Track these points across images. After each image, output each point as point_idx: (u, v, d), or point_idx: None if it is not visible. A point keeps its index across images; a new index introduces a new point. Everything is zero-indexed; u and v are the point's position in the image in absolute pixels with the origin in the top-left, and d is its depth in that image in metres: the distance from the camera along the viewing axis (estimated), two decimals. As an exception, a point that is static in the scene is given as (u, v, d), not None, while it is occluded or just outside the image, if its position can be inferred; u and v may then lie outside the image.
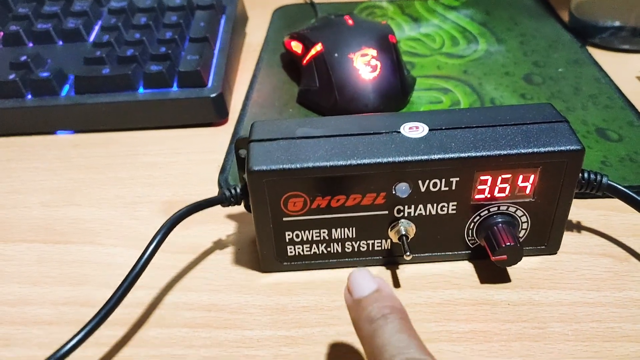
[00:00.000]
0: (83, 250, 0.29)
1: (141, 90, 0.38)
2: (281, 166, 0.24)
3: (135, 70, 0.38)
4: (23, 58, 0.39)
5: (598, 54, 0.45)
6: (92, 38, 0.44)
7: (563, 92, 0.40)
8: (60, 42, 0.43)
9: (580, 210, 0.30)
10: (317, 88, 0.39)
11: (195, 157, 0.36)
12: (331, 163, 0.24)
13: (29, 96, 0.38)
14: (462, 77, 0.42)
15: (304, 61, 0.40)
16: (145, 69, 0.38)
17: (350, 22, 0.40)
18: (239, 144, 0.27)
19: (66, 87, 0.39)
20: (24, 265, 0.28)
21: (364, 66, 0.37)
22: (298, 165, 0.24)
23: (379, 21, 0.43)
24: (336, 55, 0.38)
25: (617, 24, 0.45)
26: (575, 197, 0.27)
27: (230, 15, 0.46)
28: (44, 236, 0.30)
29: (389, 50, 0.39)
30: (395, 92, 0.38)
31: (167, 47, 0.40)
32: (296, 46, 0.42)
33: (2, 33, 0.44)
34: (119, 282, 0.24)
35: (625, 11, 0.45)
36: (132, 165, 0.35)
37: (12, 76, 0.38)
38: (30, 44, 0.43)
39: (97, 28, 0.44)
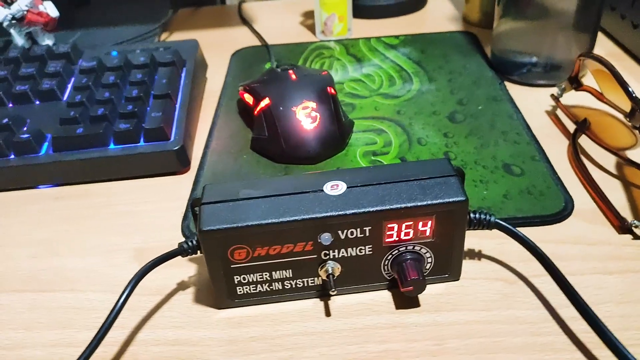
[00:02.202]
0: (67, 297, 0.34)
1: (112, 146, 0.44)
2: (226, 226, 0.30)
3: (106, 128, 0.44)
4: (5, 120, 0.45)
5: (515, 89, 0.51)
6: (65, 97, 0.49)
7: (480, 129, 0.46)
8: (37, 102, 0.48)
9: (482, 240, 0.36)
10: (267, 137, 0.44)
11: (162, 204, 0.41)
12: (267, 221, 0.30)
13: (12, 156, 0.43)
14: (395, 117, 0.48)
15: (255, 112, 0.46)
16: (115, 128, 0.44)
17: (293, 77, 0.46)
18: (194, 204, 0.32)
19: (45, 146, 0.44)
20: (17, 313, 0.34)
21: (305, 118, 0.43)
22: (240, 224, 0.30)
23: (320, 72, 0.48)
24: (281, 108, 0.44)
25: (532, 59, 0.51)
26: (473, 230, 0.33)
27: (189, 68, 0.52)
28: (33, 285, 0.35)
29: (327, 101, 0.44)
30: (334, 138, 0.44)
31: (133, 105, 0.45)
32: (248, 98, 0.47)
33: (-17, 95, 0.49)
34: (98, 325, 0.30)
35: (536, 46, 0.50)
36: (107, 214, 0.41)
37: (-4, 139, 0.43)
38: (10, 105, 0.48)
39: (69, 87, 0.50)
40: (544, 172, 0.40)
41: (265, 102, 0.45)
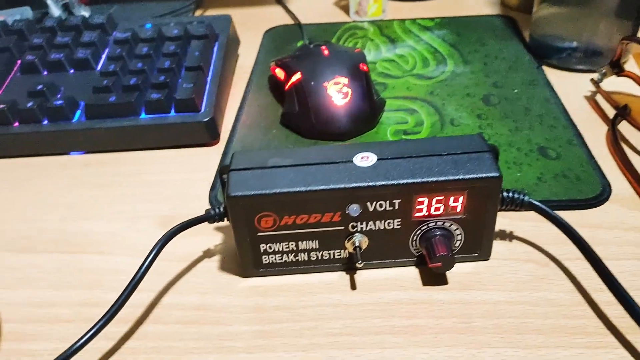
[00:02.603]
0: (94, 259, 0.35)
1: (143, 115, 0.44)
2: (254, 192, 0.29)
3: (137, 98, 0.44)
4: (39, 87, 0.45)
5: (553, 74, 0.50)
6: (99, 67, 0.49)
7: (514, 113, 0.45)
8: (72, 71, 0.49)
9: (514, 221, 0.35)
10: (297, 112, 0.44)
11: (190, 175, 0.41)
12: (295, 189, 0.29)
13: (45, 121, 0.44)
14: (428, 98, 0.47)
15: (286, 87, 0.46)
16: (146, 97, 0.44)
17: (326, 52, 0.45)
18: (222, 171, 0.32)
19: (78, 113, 0.45)
20: (47, 272, 0.34)
21: (337, 93, 0.43)
22: (268, 191, 0.29)
23: (353, 49, 0.48)
24: (312, 83, 0.43)
25: (572, 44, 0.50)
26: (510, 211, 0.32)
27: (222, 42, 0.52)
28: (63, 247, 0.36)
29: (360, 78, 0.44)
30: (365, 115, 0.43)
31: (165, 76, 0.45)
32: (279, 73, 0.47)
33: (19, 62, 0.50)
34: (124, 287, 0.30)
35: (577, 31, 0.49)
36: (136, 183, 0.41)
37: (30, 104, 0.44)
38: (45, 72, 0.49)
39: (104, 57, 0.50)
40: (581, 156, 0.39)
41: (297, 76, 0.44)
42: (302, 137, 0.44)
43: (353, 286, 0.32)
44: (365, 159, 0.31)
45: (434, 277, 0.32)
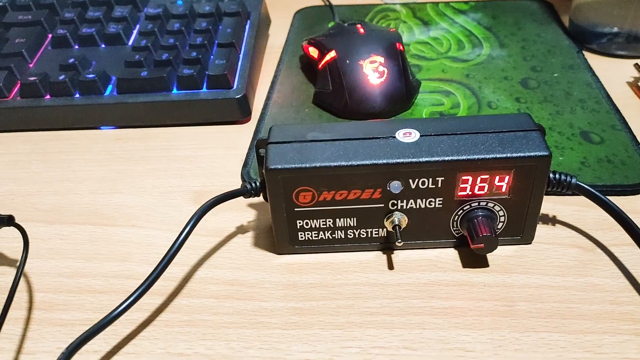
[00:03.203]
0: (126, 232, 0.34)
1: (175, 91, 0.43)
2: (293, 165, 0.29)
3: (169, 73, 0.43)
4: (71, 60, 0.45)
5: (594, 59, 0.48)
6: (131, 42, 0.48)
7: (555, 97, 0.43)
8: (103, 45, 0.48)
9: (557, 205, 0.34)
10: (331, 91, 0.43)
11: (221, 152, 0.41)
12: (335, 163, 0.28)
13: (77, 95, 0.44)
14: (464, 80, 0.46)
15: (320, 65, 0.45)
16: (178, 72, 0.43)
17: (361, 30, 0.44)
18: (259, 144, 0.31)
19: (109, 87, 0.44)
20: (78, 243, 0.34)
21: (372, 72, 0.42)
22: (307, 165, 0.29)
23: (388, 29, 0.47)
24: (347, 62, 0.42)
25: (614, 30, 0.48)
26: (553, 195, 0.31)
27: (254, 20, 0.51)
28: (94, 219, 0.35)
29: (396, 57, 0.43)
30: (401, 96, 0.42)
31: (197, 52, 0.45)
32: (313, 51, 0.46)
33: (50, 36, 0.49)
34: (158, 260, 0.29)
35: (621, 17, 0.47)
36: (167, 158, 0.40)
37: (62, 77, 0.43)
38: (76, 47, 0.48)
39: (135, 32, 0.49)
40: (626, 141, 0.38)
41: (331, 55, 0.43)
42: (335, 116, 0.43)
43: (390, 266, 0.31)
44: (407, 135, 0.30)
45: (474, 259, 0.31)
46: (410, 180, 0.29)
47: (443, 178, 0.29)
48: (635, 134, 0.39)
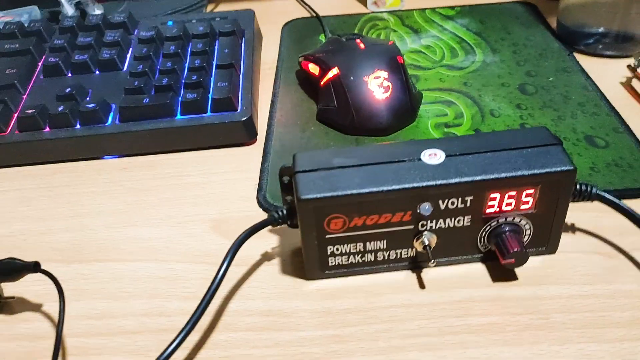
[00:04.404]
0: (149, 267, 0.34)
1: (179, 116, 0.43)
2: (325, 194, 0.29)
3: (172, 98, 0.43)
4: (68, 90, 0.44)
5: (584, 61, 0.49)
6: (125, 67, 0.48)
7: (554, 101, 0.44)
8: (97, 72, 0.47)
9: (574, 213, 0.34)
10: (335, 108, 0.43)
11: (232, 175, 0.40)
12: (366, 190, 0.29)
13: (78, 125, 0.43)
14: (463, 89, 0.47)
15: (322, 83, 0.45)
16: (181, 97, 0.42)
17: (361, 45, 0.45)
18: (284, 172, 0.31)
19: (111, 115, 0.43)
20: (101, 282, 0.33)
21: (378, 88, 0.42)
22: (339, 193, 0.29)
23: (386, 41, 0.47)
24: (352, 78, 0.42)
25: (601, 30, 0.50)
26: (576, 202, 0.32)
27: (249, 38, 0.51)
28: (113, 255, 0.35)
29: (399, 71, 0.43)
30: (406, 109, 0.43)
31: (197, 75, 0.44)
32: (313, 68, 0.46)
33: (40, 64, 0.48)
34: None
35: (608, 17, 0.48)
36: (177, 186, 0.40)
37: (61, 108, 0.42)
38: (69, 74, 0.47)
39: (128, 57, 0.48)
40: (630, 144, 0.39)
41: (334, 72, 0.44)
42: (342, 133, 0.43)
43: (422, 285, 0.31)
44: (433, 156, 0.30)
45: (502, 272, 0.31)
46: (440, 202, 0.29)
47: (472, 197, 0.29)
48: (637, 136, 0.40)
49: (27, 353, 0.29)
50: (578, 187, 0.31)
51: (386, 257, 0.32)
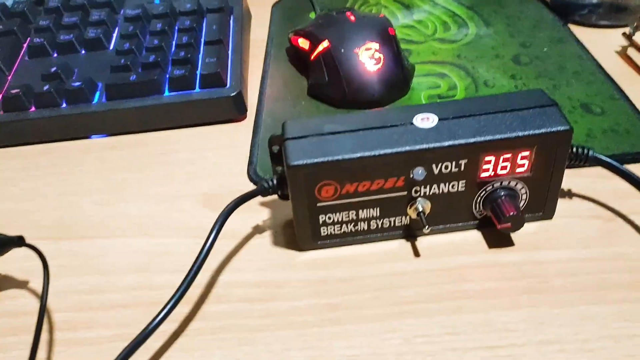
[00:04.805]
0: (138, 242, 0.33)
1: (167, 93, 0.42)
2: (315, 160, 0.28)
3: (159, 75, 0.42)
4: (53, 69, 0.43)
5: (579, 31, 0.49)
6: (112, 46, 0.47)
7: (549, 71, 0.44)
8: (83, 51, 0.46)
9: (571, 178, 0.34)
10: (326, 81, 0.42)
11: (222, 151, 0.39)
12: (358, 155, 0.28)
13: (64, 105, 0.42)
14: (456, 61, 0.46)
15: (312, 57, 0.44)
16: (169, 74, 0.42)
17: (352, 18, 0.44)
18: (273, 141, 0.31)
19: (97, 94, 0.42)
20: (91, 258, 0.32)
21: (369, 59, 0.41)
22: (330, 158, 0.28)
23: (377, 14, 0.46)
24: (342, 50, 0.42)
25: (595, 0, 0.49)
26: (569, 168, 0.31)
27: (237, 15, 0.50)
28: (103, 232, 0.34)
29: (390, 42, 0.42)
30: (398, 81, 0.42)
31: (185, 52, 0.43)
32: (303, 42, 0.45)
33: (25, 45, 0.47)
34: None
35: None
36: (167, 163, 0.39)
37: (46, 87, 0.42)
38: (55, 55, 0.46)
39: (115, 36, 0.48)
40: (626, 110, 0.39)
41: (324, 45, 0.43)
42: (334, 107, 0.42)
43: (416, 253, 0.31)
44: (426, 120, 0.29)
45: (499, 239, 0.31)
46: (434, 166, 0.29)
47: (466, 160, 0.29)
48: (634, 102, 0.39)
49: (11, 329, 0.29)
50: (574, 150, 0.30)
51: (379, 226, 0.31)
